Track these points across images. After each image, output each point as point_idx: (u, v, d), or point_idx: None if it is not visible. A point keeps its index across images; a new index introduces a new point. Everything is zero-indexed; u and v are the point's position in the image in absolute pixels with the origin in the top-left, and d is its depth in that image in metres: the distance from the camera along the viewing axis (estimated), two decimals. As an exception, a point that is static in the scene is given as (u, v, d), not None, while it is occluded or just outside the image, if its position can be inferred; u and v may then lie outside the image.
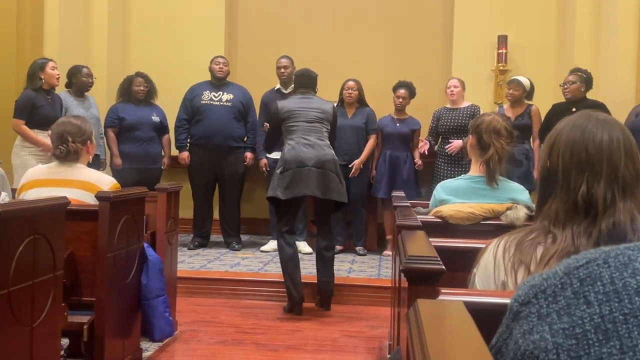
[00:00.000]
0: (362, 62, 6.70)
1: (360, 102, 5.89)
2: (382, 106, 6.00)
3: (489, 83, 6.43)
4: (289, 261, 4.24)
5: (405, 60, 6.72)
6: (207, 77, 6.08)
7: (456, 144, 5.43)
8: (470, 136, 2.86)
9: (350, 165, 5.70)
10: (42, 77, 5.06)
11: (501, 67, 6.33)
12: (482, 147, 2.78)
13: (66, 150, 3.09)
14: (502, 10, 6.43)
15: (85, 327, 2.75)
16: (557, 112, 5.06)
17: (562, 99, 5.51)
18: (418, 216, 2.56)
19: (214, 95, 5.93)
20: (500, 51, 6.33)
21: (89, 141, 3.19)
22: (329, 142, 4.39)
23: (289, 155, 4.25)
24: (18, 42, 6.19)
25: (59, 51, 5.85)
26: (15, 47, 6.17)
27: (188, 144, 6.01)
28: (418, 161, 5.79)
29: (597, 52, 5.86)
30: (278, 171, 4.29)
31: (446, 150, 5.51)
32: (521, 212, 2.57)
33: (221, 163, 5.88)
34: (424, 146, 5.54)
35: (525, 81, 5.45)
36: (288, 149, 4.29)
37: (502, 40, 6.31)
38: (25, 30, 6.22)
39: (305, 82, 4.58)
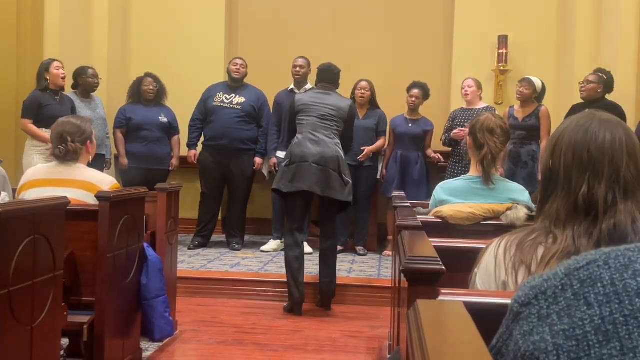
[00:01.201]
0: (362, 63, 6.69)
1: (372, 103, 5.88)
2: (381, 106, 6.00)
3: (489, 83, 6.43)
4: (295, 261, 4.24)
5: (405, 60, 6.72)
6: (208, 76, 6.10)
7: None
8: (468, 137, 2.86)
9: (362, 148, 5.69)
10: (47, 77, 5.14)
11: (501, 68, 6.33)
12: (478, 147, 2.78)
13: (65, 150, 3.09)
14: (502, 11, 6.43)
15: (85, 327, 2.75)
16: (575, 112, 4.96)
17: (563, 99, 5.51)
18: (418, 216, 2.56)
19: (225, 98, 5.94)
20: (500, 51, 6.33)
21: (88, 141, 3.19)
22: (338, 140, 4.35)
23: (295, 149, 4.27)
24: (18, 42, 6.20)
25: (60, 51, 5.85)
26: (16, 47, 6.17)
27: (201, 144, 6.05)
28: (436, 155, 5.75)
29: (598, 52, 5.86)
30: (284, 164, 4.32)
31: (450, 136, 5.48)
32: (521, 213, 2.57)
33: (229, 165, 5.90)
34: (458, 133, 5.50)
35: (537, 81, 5.38)
36: (295, 142, 4.31)
37: (503, 41, 6.31)
38: (26, 30, 6.22)
39: (328, 77, 4.56)
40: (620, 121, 1.35)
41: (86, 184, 3.06)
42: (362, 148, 5.66)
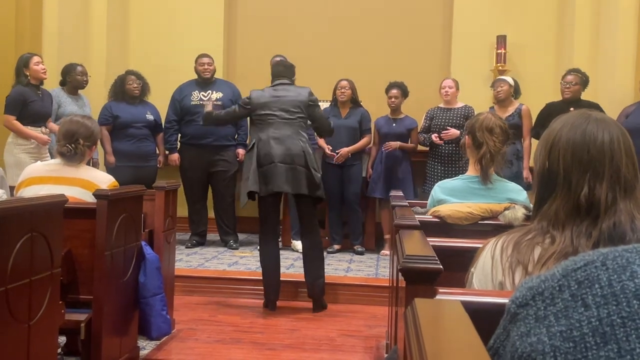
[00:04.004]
0: (361, 62, 6.69)
1: (354, 102, 5.88)
2: (381, 106, 6.00)
3: (487, 83, 6.42)
4: (270, 265, 4.25)
5: (404, 60, 6.72)
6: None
7: (453, 132, 5.44)
8: (467, 136, 2.86)
9: (337, 152, 5.69)
10: (27, 73, 5.02)
11: (500, 67, 6.33)
12: (477, 146, 2.78)
13: (74, 151, 3.09)
14: (501, 10, 6.43)
15: (82, 325, 2.75)
16: (554, 111, 5.04)
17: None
18: (416, 216, 2.56)
19: (203, 95, 5.93)
20: (499, 51, 6.34)
21: (94, 146, 3.22)
22: (304, 135, 4.27)
23: (262, 151, 4.20)
24: (17, 39, 6.19)
25: (58, 51, 5.84)
26: (14, 45, 6.16)
27: (179, 144, 6.03)
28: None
29: (597, 52, 5.87)
30: (252, 167, 4.23)
31: (441, 137, 5.49)
32: (519, 212, 2.57)
33: (213, 162, 5.90)
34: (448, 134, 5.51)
35: (508, 78, 5.49)
36: (260, 143, 4.23)
37: (501, 40, 6.32)
38: (24, 28, 6.21)
39: (283, 71, 4.45)
40: (614, 120, 1.36)
41: (84, 182, 3.06)
42: (337, 151, 5.67)
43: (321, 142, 5.73)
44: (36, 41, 6.03)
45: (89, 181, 3.06)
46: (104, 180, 3.12)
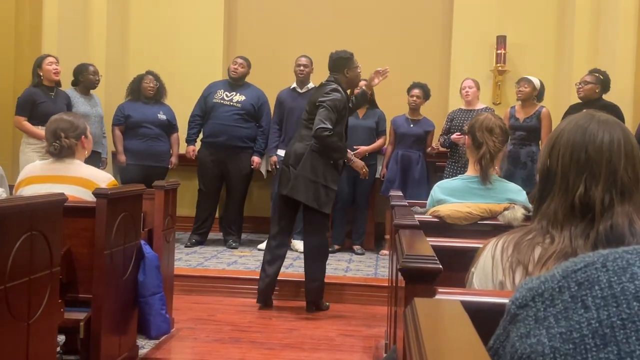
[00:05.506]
0: (360, 62, 6.66)
1: (371, 102, 5.87)
2: (380, 106, 5.99)
3: (487, 83, 6.43)
4: (265, 258, 4.30)
5: (404, 60, 6.70)
6: (206, 75, 6.11)
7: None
8: (467, 136, 2.87)
9: (355, 147, 5.63)
10: (41, 73, 5.10)
11: (500, 68, 6.33)
12: (477, 146, 2.78)
13: (60, 146, 3.08)
14: (501, 11, 6.43)
15: (81, 323, 2.75)
16: (573, 113, 4.91)
17: (561, 100, 5.51)
18: (416, 216, 2.56)
19: (226, 95, 5.96)
20: (499, 51, 6.33)
21: (83, 136, 3.16)
22: (309, 134, 4.11)
23: None
24: (17, 38, 6.19)
25: (58, 50, 5.83)
26: (14, 44, 6.16)
27: (199, 141, 6.06)
28: (436, 146, 5.73)
29: (596, 52, 5.86)
30: None
31: (451, 139, 5.46)
32: (519, 213, 2.57)
33: (227, 162, 5.91)
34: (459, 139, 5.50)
35: (535, 79, 5.37)
36: None
37: (501, 41, 6.31)
38: (24, 26, 6.21)
39: (330, 65, 4.37)
40: (619, 122, 1.34)
41: (82, 180, 3.05)
42: (355, 147, 5.64)
43: None
44: (36, 41, 6.03)
45: (89, 180, 3.05)
46: (104, 178, 3.11)
